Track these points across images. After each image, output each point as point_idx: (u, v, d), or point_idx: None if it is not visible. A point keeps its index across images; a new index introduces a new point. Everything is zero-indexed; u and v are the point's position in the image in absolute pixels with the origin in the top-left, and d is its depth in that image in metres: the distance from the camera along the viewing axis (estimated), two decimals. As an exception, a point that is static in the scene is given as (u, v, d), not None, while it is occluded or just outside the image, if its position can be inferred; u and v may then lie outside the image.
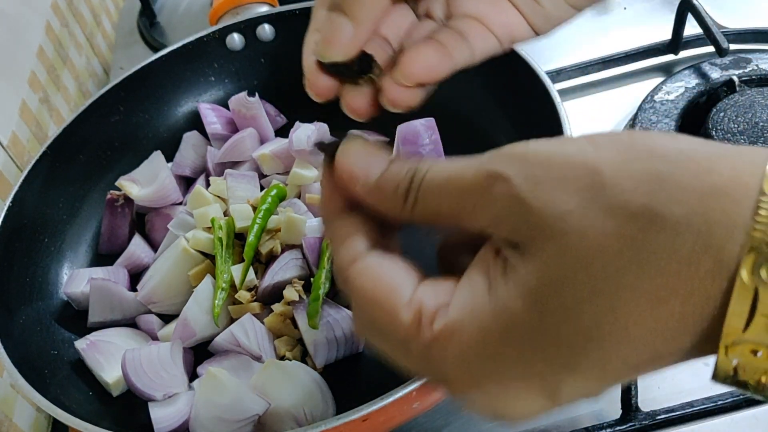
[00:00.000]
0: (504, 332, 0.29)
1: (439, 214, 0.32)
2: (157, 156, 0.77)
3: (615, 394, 0.59)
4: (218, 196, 0.73)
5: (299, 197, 0.73)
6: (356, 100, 0.41)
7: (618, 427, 0.57)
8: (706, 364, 0.27)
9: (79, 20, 1.09)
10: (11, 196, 0.68)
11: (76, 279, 0.68)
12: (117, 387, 0.62)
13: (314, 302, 0.60)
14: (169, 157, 0.79)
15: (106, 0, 1.24)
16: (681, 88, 0.81)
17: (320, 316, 0.60)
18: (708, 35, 0.82)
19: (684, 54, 0.90)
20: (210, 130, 0.80)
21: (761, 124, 0.73)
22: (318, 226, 0.68)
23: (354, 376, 0.61)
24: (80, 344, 0.63)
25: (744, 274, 0.25)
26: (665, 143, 0.28)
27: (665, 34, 0.89)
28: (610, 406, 0.60)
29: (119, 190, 0.75)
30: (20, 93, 0.83)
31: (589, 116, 0.86)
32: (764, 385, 0.26)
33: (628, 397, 0.58)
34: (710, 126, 0.74)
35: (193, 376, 0.63)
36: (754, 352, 0.25)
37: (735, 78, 0.80)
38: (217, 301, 0.63)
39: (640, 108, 0.80)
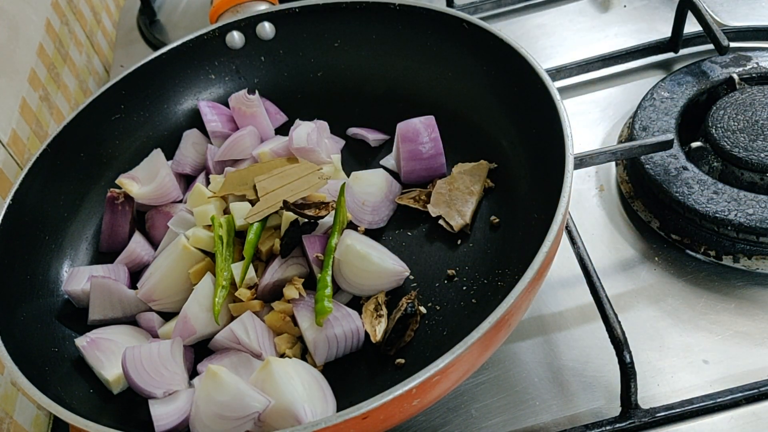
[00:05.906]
0: None
1: None
2: (157, 154, 0.77)
3: (615, 391, 0.59)
4: (218, 194, 0.73)
5: (299, 195, 0.73)
6: None
7: (618, 425, 0.57)
8: (705, 362, 0.27)
9: (79, 18, 1.09)
10: (12, 193, 0.68)
11: (77, 277, 0.68)
12: (117, 384, 0.62)
13: (321, 301, 0.60)
14: (169, 155, 0.79)
15: (106, -2, 1.24)
16: (681, 85, 0.81)
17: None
18: (708, 33, 0.82)
19: (684, 52, 0.90)
20: (210, 128, 0.80)
21: (761, 122, 0.73)
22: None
23: (354, 374, 0.61)
24: (80, 342, 0.63)
25: None
26: None
27: (665, 31, 0.90)
28: (609, 403, 0.60)
29: (119, 188, 0.75)
30: (20, 91, 0.83)
31: (589, 114, 0.86)
32: None
33: (627, 394, 0.58)
34: (710, 124, 0.74)
35: (193, 373, 0.63)
36: None
37: (735, 76, 0.80)
38: (217, 299, 0.63)
39: (639, 106, 0.80)
